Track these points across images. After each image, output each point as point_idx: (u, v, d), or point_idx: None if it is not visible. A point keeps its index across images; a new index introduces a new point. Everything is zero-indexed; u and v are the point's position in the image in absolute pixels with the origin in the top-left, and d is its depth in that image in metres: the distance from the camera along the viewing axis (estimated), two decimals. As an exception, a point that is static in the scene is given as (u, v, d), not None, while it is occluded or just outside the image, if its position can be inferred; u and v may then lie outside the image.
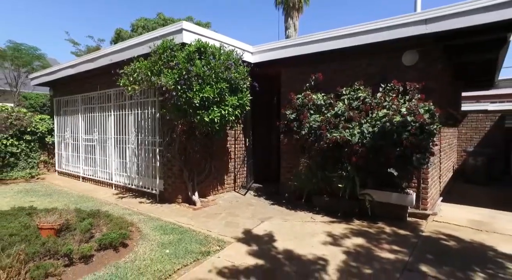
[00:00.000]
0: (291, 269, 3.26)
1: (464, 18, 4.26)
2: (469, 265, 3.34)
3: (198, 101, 4.87)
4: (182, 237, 4.10)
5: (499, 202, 6.05)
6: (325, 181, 5.45)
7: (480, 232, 4.43)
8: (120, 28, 29.81)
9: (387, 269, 3.25)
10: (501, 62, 7.03)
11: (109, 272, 3.06)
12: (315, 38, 5.81)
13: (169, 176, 6.17)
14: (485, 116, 9.50)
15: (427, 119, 4.39)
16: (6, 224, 3.51)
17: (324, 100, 5.57)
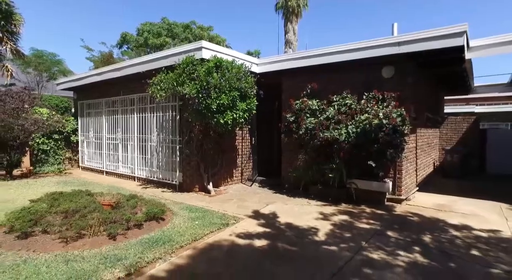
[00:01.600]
0: (291, 234, 4.41)
1: (426, 43, 5.42)
2: (422, 231, 4.50)
3: (215, 106, 6.02)
4: (205, 214, 5.24)
5: (465, 191, 7.21)
6: (318, 172, 6.59)
7: (439, 211, 5.59)
8: (126, 32, 30.86)
9: (362, 233, 4.40)
10: (470, 72, 8.21)
11: (158, 233, 4.20)
12: (310, 54, 6.97)
13: (188, 169, 7.31)
14: (463, 118, 10.67)
15: (398, 122, 5.55)
16: (77, 200, 4.64)
17: (318, 106, 6.72)
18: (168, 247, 3.76)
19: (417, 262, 3.46)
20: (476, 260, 3.51)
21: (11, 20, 11.39)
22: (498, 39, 5.68)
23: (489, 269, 3.27)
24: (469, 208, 5.78)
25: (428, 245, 3.98)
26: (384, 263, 3.43)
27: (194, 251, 3.75)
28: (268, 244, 4.02)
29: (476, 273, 3.20)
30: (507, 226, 4.72)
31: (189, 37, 29.22)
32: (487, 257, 3.58)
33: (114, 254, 3.48)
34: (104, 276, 2.99)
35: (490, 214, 5.40)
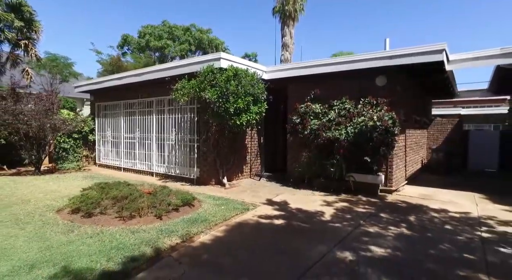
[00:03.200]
0: (302, 215, 5.38)
1: (413, 57, 6.45)
2: (408, 213, 5.51)
3: (233, 110, 6.96)
4: (227, 202, 6.18)
5: (447, 185, 8.27)
6: (321, 167, 7.58)
7: (423, 199, 6.63)
8: (127, 34, 31.59)
9: (360, 215, 5.39)
10: (453, 80, 9.30)
11: (194, 215, 5.13)
12: (313, 64, 7.96)
13: (204, 165, 8.23)
14: (447, 120, 11.79)
15: (390, 124, 6.56)
16: (122, 189, 5.54)
17: (321, 109, 7.71)
18: (206, 224, 4.70)
19: (403, 233, 4.47)
20: (447, 231, 4.53)
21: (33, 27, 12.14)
22: (470, 55, 6.74)
23: (456, 237, 4.29)
24: (448, 197, 6.83)
25: (412, 222, 4.99)
26: (378, 234, 4.42)
27: (227, 227, 4.70)
28: (284, 222, 4.98)
29: (446, 239, 4.21)
30: (476, 209, 5.78)
31: (189, 39, 30.09)
32: (456, 229, 4.61)
33: (167, 228, 4.41)
34: (165, 241, 3.92)
35: (465, 201, 6.46)
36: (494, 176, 10.40)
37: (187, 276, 3.11)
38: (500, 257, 3.63)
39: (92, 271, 3.08)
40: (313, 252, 3.74)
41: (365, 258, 3.60)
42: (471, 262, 3.48)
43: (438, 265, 3.42)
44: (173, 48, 28.71)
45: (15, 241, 3.84)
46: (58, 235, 4.06)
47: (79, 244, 3.77)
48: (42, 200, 5.98)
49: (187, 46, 29.76)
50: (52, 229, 4.30)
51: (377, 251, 3.80)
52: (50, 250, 3.56)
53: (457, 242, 4.11)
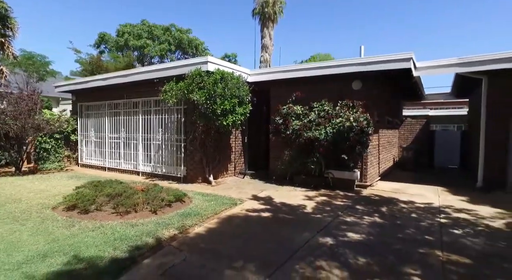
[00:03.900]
0: (286, 208, 5.87)
1: (384, 64, 7.11)
2: (381, 205, 6.15)
3: (220, 111, 7.34)
4: (216, 198, 6.56)
5: (415, 180, 9.08)
6: (302, 165, 8.11)
7: (395, 193, 7.32)
8: (104, 32, 30.99)
9: (338, 207, 5.95)
10: (420, 84, 10.16)
11: (187, 210, 5.49)
12: (294, 68, 8.50)
13: (191, 163, 8.55)
14: (416, 121, 12.76)
15: (365, 124, 7.19)
16: (115, 186, 5.79)
17: (302, 111, 8.25)
18: (199, 217, 5.07)
19: (375, 221, 5.06)
20: (413, 219, 5.18)
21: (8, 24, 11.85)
22: (434, 63, 7.52)
23: (419, 223, 4.93)
24: (416, 191, 7.57)
25: (384, 212, 5.61)
26: (354, 222, 4.99)
27: (219, 220, 5.10)
28: (271, 215, 5.45)
29: (411, 225, 4.84)
30: (438, 200, 6.53)
31: (169, 39, 29.96)
32: (420, 217, 5.27)
33: (163, 221, 4.75)
34: (164, 233, 4.27)
35: (430, 194, 7.21)
36: (455, 172, 11.42)
37: (189, 261, 3.49)
38: (453, 237, 4.29)
39: (102, 258, 3.40)
40: (298, 238, 4.23)
41: (343, 242, 4.13)
42: (430, 242, 4.10)
43: (404, 245, 4.01)
44: (152, 48, 28.48)
45: (20, 235, 4.05)
46: (61, 229, 4.30)
47: (83, 236, 4.04)
48: (33, 199, 6.10)
49: (167, 46, 29.62)
50: (53, 224, 4.52)
51: (354, 236, 4.35)
52: (57, 242, 3.82)
53: (420, 227, 4.75)
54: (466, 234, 4.45)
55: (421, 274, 3.22)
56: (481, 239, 4.23)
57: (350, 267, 3.37)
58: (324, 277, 3.14)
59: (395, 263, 3.49)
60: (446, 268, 3.37)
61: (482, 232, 4.53)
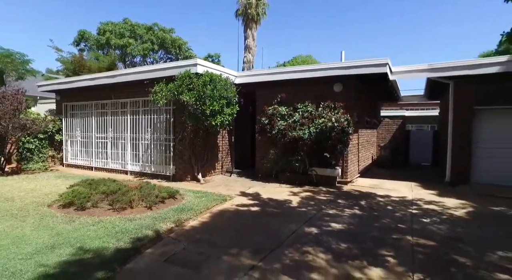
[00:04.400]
0: (273, 203, 6.27)
1: (363, 68, 7.67)
2: (360, 199, 6.67)
3: (209, 112, 7.66)
4: (206, 194, 6.88)
5: (392, 176, 9.74)
6: (287, 163, 8.55)
7: (372, 188, 7.90)
8: (84, 30, 30.36)
9: (321, 202, 6.42)
10: (396, 87, 10.86)
11: (180, 205, 5.78)
12: (279, 71, 8.94)
13: (180, 162, 8.80)
14: (393, 121, 13.54)
15: (345, 125, 7.71)
16: (109, 184, 5.99)
17: (287, 112, 8.69)
18: (192, 212, 5.39)
19: (355, 213, 5.55)
20: (389, 210, 5.72)
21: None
22: (407, 68, 8.17)
23: (394, 214, 5.48)
24: (392, 186, 8.19)
25: (363, 205, 6.13)
26: (336, 214, 5.46)
27: (211, 214, 5.44)
28: (259, 209, 5.84)
29: (387, 215, 5.36)
30: (411, 194, 7.15)
31: (152, 39, 29.74)
32: (395, 209, 5.83)
33: (159, 216, 5.04)
34: (162, 226, 4.57)
35: (404, 188, 7.84)
36: (428, 169, 12.26)
37: (188, 249, 3.82)
38: (422, 225, 4.84)
39: (107, 249, 3.67)
40: (286, 229, 4.64)
41: (327, 231, 4.58)
42: (402, 229, 4.63)
43: (380, 232, 4.50)
44: (135, 47, 28.19)
45: (22, 230, 4.24)
46: (62, 224, 4.51)
47: (85, 230, 4.28)
48: (26, 198, 6.20)
49: (150, 45, 29.39)
50: (53, 220, 4.71)
51: (336, 226, 4.81)
52: (61, 235, 4.04)
53: (395, 217, 5.28)
54: (433, 222, 5.01)
55: (394, 255, 3.70)
56: (445, 225, 4.80)
57: (333, 251, 3.82)
58: (311, 260, 3.55)
59: (372, 247, 3.96)
60: (415, 249, 3.88)
61: (447, 220, 5.12)
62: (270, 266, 3.37)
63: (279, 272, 3.23)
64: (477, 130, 7.89)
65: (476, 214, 5.48)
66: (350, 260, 3.54)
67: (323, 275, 3.18)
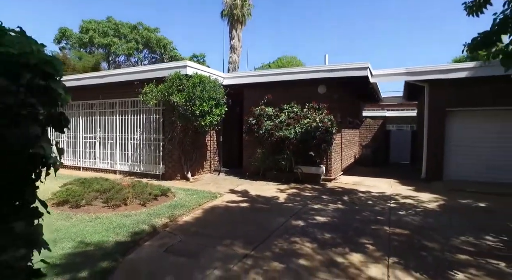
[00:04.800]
0: (261, 200, 6.60)
1: (345, 71, 8.13)
2: (343, 194, 7.11)
3: (198, 112, 7.91)
4: (197, 192, 7.13)
5: (373, 174, 10.28)
6: (273, 162, 8.91)
7: (355, 185, 8.37)
8: (65, 27, 29.80)
9: (307, 198, 6.81)
10: (377, 89, 11.42)
11: (173, 202, 6.02)
12: (265, 73, 9.29)
13: (170, 161, 9.00)
14: (374, 122, 14.16)
15: (329, 125, 8.14)
16: (103, 183, 6.15)
17: (273, 112, 9.04)
18: (185, 208, 5.64)
19: (338, 207, 5.96)
20: (369, 205, 6.17)
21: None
22: (386, 71, 8.70)
23: (374, 207, 5.93)
24: (373, 183, 8.69)
25: (345, 200, 6.55)
26: (321, 209, 5.85)
27: (203, 210, 5.71)
28: (249, 205, 6.16)
29: (367, 209, 5.80)
30: (390, 190, 7.66)
31: (137, 38, 29.50)
32: (375, 203, 6.28)
33: (154, 212, 5.27)
34: (157, 221, 4.81)
35: (384, 185, 8.35)
36: (406, 167, 12.93)
37: (184, 241, 4.09)
38: (398, 217, 5.30)
39: (107, 242, 3.89)
40: (275, 222, 4.98)
41: (312, 223, 4.94)
42: (381, 221, 5.06)
43: (361, 224, 4.91)
44: (119, 46, 27.90)
45: (21, 227, 4.37)
46: (60, 221, 4.68)
47: (83, 226, 4.47)
48: (17, 197, 6.26)
49: (135, 44, 29.17)
50: (49, 216, 4.84)
51: (321, 219, 5.19)
52: (60, 231, 4.22)
53: (374, 211, 5.72)
54: (408, 214, 5.48)
55: (372, 242, 4.10)
56: (418, 217, 5.28)
57: (318, 240, 4.18)
58: (298, 248, 3.90)
59: (354, 236, 4.35)
60: (391, 238, 4.30)
61: (420, 212, 5.60)
62: (261, 254, 3.69)
63: (270, 259, 3.56)
64: (449, 130, 8.50)
65: (446, 207, 6.00)
66: (334, 248, 3.91)
67: (310, 261, 3.53)
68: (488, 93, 7.72)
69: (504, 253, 3.71)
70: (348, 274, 3.21)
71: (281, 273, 3.22)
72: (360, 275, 3.20)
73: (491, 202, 6.33)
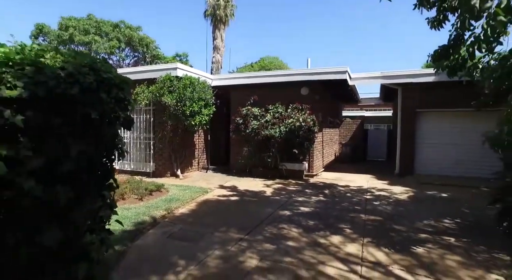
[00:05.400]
0: (250, 193, 7.12)
1: (327, 75, 8.78)
2: (324, 188, 7.74)
3: (189, 112, 8.32)
4: (189, 188, 7.55)
5: (352, 170, 11.03)
6: (259, 159, 9.44)
7: (335, 180, 9.05)
8: (42, 23, 29.09)
9: (291, 191, 7.38)
10: (355, 91, 12.19)
11: (168, 197, 6.42)
12: (252, 75, 9.80)
13: (160, 159, 9.34)
14: (353, 121, 15.00)
15: (311, 124, 8.76)
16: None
17: (259, 112, 9.57)
18: (180, 202, 6.07)
19: (320, 199, 6.58)
20: (348, 197, 6.83)
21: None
22: (364, 75, 9.43)
23: (352, 199, 6.59)
24: (351, 178, 9.40)
25: (326, 193, 7.18)
26: (304, 200, 6.44)
27: (197, 203, 6.16)
28: (238, 198, 6.66)
29: (346, 200, 6.45)
30: (367, 184, 8.39)
31: (119, 36, 29.19)
32: (353, 195, 6.95)
33: (152, 205, 5.67)
34: (156, 213, 5.22)
35: (361, 180, 9.08)
36: (383, 163, 13.82)
37: (184, 229, 4.55)
38: (373, 206, 5.98)
39: (114, 230, 4.26)
40: (263, 212, 5.51)
41: (297, 213, 5.51)
42: (357, 210, 5.70)
43: (340, 212, 5.53)
44: (101, 44, 27.53)
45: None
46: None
47: (88, 218, 4.82)
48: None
49: (117, 43, 28.84)
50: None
51: (305, 209, 5.77)
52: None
53: (352, 202, 6.37)
54: (382, 204, 6.17)
55: (350, 227, 4.71)
56: (390, 206, 5.97)
57: (303, 226, 4.75)
58: (286, 233, 4.45)
59: (334, 222, 4.95)
60: (366, 223, 4.93)
61: (392, 202, 6.31)
62: (254, 238, 4.21)
63: (262, 242, 4.08)
64: (419, 129, 9.35)
65: (415, 198, 6.75)
66: (317, 232, 4.49)
67: (297, 242, 4.08)
68: (451, 96, 8.58)
69: (455, 231, 4.43)
70: (329, 252, 3.79)
71: (273, 252, 3.75)
72: (339, 252, 3.79)
73: (452, 192, 7.15)
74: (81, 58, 1.34)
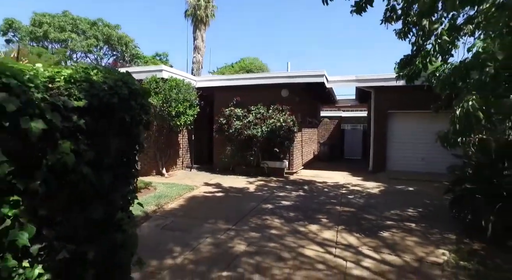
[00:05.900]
0: (234, 190, 7.54)
1: (305, 78, 9.34)
2: (304, 185, 8.29)
3: (174, 113, 8.61)
4: (175, 185, 7.86)
5: (329, 168, 11.70)
6: (242, 158, 9.87)
7: (314, 177, 9.63)
8: (12, 19, 28.11)
9: (273, 188, 7.87)
10: (333, 93, 12.89)
11: (157, 194, 6.72)
12: (235, 77, 10.26)
13: (145, 158, 9.56)
14: (331, 121, 15.75)
15: (291, 124, 9.28)
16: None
17: (242, 113, 9.99)
18: (168, 198, 6.40)
19: (300, 194, 7.11)
20: (325, 192, 7.40)
21: None
22: (339, 78, 10.09)
23: (329, 193, 7.17)
24: (329, 175, 10.03)
25: (306, 189, 7.73)
26: (285, 195, 6.94)
27: (184, 199, 6.52)
28: (224, 194, 7.07)
29: (323, 195, 7.02)
30: (343, 180, 9.03)
31: (97, 34, 28.68)
32: (330, 190, 7.54)
33: (142, 202, 5.93)
34: (147, 208, 5.53)
35: (338, 176, 9.72)
36: (358, 161, 14.63)
37: (175, 221, 4.91)
38: (347, 199, 6.58)
39: (110, 224, 4.58)
40: (248, 206, 5.95)
41: (279, 206, 6.00)
42: (334, 203, 6.28)
43: (318, 205, 6.08)
44: (78, 42, 26.95)
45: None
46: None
47: (82, 213, 5.06)
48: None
49: (95, 41, 28.33)
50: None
51: (285, 203, 6.27)
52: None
53: (329, 196, 6.95)
54: (356, 197, 6.78)
55: (327, 217, 5.25)
56: (363, 199, 6.59)
57: (285, 217, 5.23)
58: (269, 223, 4.92)
59: (312, 214, 5.47)
60: (341, 214, 5.49)
61: (365, 196, 6.94)
62: (241, 228, 4.65)
63: (248, 231, 4.52)
64: (389, 129, 10.12)
65: (385, 191, 7.43)
66: (297, 222, 4.99)
67: (279, 231, 4.56)
68: (417, 99, 9.37)
69: (416, 218, 5.08)
70: (308, 237, 4.29)
71: (258, 239, 4.21)
72: (316, 237, 4.30)
73: (418, 186, 7.91)
74: (114, 74, 1.71)
